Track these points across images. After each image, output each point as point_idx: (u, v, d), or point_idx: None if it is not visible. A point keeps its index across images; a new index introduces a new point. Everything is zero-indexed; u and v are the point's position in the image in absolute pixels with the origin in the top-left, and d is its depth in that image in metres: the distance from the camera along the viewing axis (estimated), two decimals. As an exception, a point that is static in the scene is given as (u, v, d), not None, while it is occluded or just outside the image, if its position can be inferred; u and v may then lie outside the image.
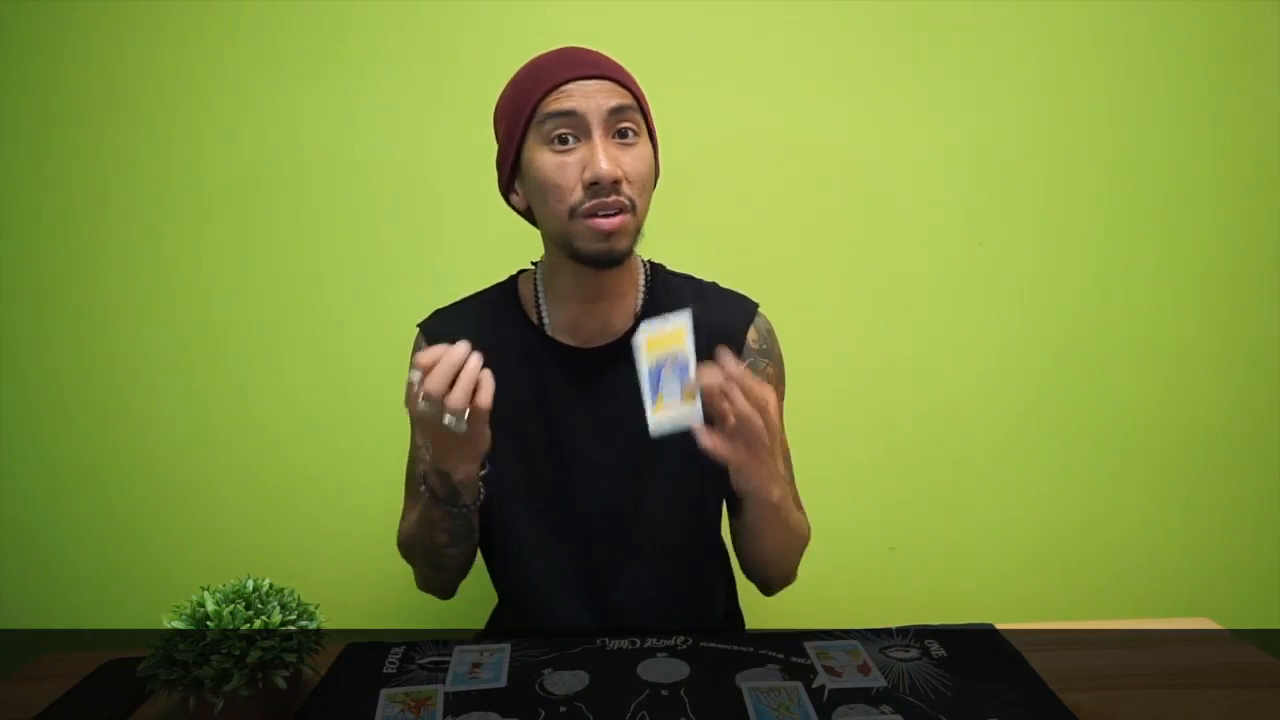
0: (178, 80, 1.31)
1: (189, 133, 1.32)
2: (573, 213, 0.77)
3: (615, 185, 0.76)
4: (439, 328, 0.91)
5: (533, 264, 0.93)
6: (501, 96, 0.84)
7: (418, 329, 0.93)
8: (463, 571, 0.93)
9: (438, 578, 0.92)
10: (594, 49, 0.83)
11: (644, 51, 1.29)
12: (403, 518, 0.96)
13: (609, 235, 0.77)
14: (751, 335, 0.91)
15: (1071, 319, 1.43)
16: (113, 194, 1.34)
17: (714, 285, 0.95)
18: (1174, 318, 1.44)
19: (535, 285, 0.90)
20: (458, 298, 0.96)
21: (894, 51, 1.34)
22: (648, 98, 0.85)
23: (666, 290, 0.91)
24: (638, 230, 0.81)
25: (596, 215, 0.76)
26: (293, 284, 1.37)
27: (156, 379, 1.39)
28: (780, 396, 0.94)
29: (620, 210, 0.77)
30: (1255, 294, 1.44)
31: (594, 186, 0.76)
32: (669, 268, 0.95)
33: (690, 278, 0.95)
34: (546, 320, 0.89)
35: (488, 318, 0.91)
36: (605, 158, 0.75)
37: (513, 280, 0.94)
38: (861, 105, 1.36)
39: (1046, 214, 1.40)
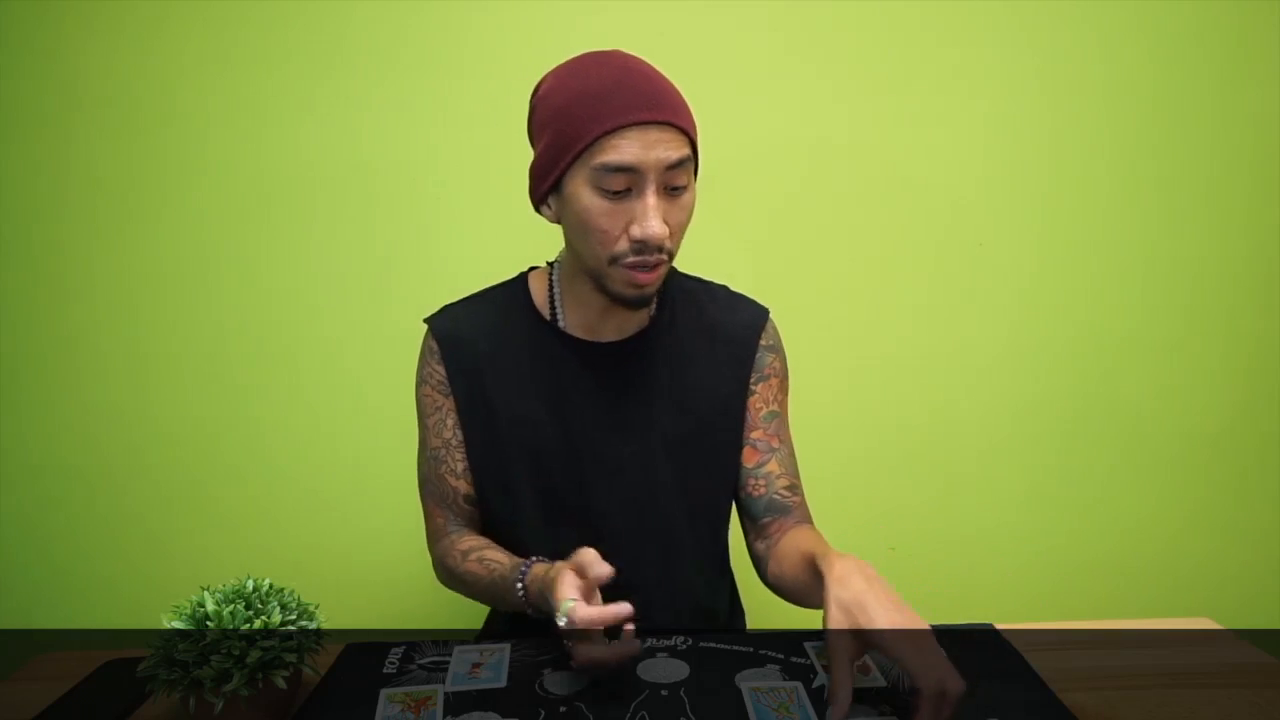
0: (180, 82, 1.31)
1: (190, 135, 1.33)
2: (613, 260, 0.76)
3: (660, 242, 0.75)
4: (447, 324, 0.91)
5: (549, 263, 0.92)
6: (544, 100, 0.78)
7: (425, 325, 0.92)
8: None
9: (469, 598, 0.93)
10: (649, 67, 0.78)
11: (649, 54, 1.29)
12: (435, 535, 0.94)
13: (644, 285, 0.77)
14: (774, 379, 0.92)
15: (1073, 319, 1.43)
16: (113, 197, 1.34)
17: (725, 289, 0.95)
18: (1174, 318, 1.44)
19: (550, 284, 0.90)
20: (452, 295, 0.95)
21: (895, 53, 1.34)
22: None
23: (681, 292, 0.92)
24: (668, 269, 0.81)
25: (636, 269, 0.76)
26: (294, 285, 1.37)
27: (155, 380, 1.39)
28: (785, 392, 0.95)
29: (659, 264, 0.77)
30: (1258, 295, 1.44)
31: (640, 243, 0.75)
32: (680, 270, 0.95)
33: (702, 280, 0.95)
34: (560, 318, 0.88)
35: (498, 314, 0.91)
36: (656, 219, 0.74)
37: (523, 278, 0.93)
38: (862, 107, 1.36)
39: (1048, 214, 1.40)
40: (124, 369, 1.38)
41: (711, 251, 1.37)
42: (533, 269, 0.94)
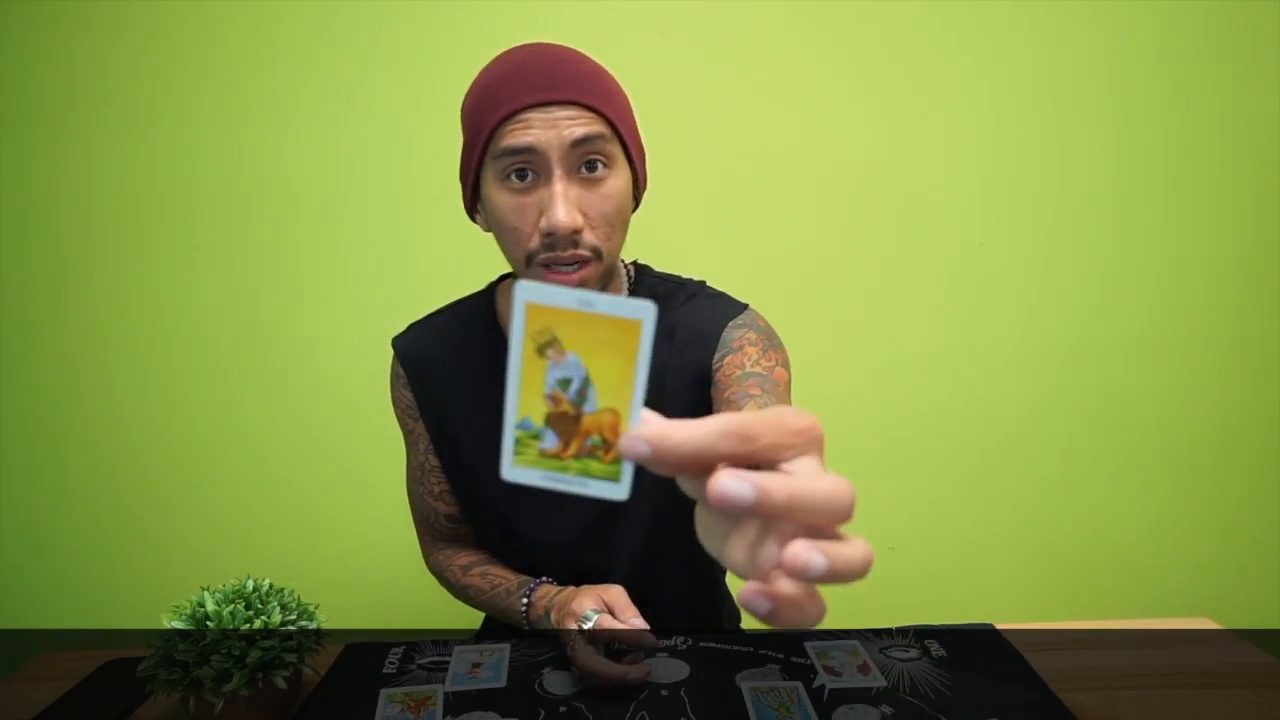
0: (168, 81, 1.31)
1: (181, 137, 1.33)
2: (529, 260, 0.70)
3: (575, 235, 0.68)
4: (412, 347, 0.89)
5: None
6: (464, 101, 0.75)
7: (392, 346, 0.90)
8: None
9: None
10: (565, 50, 0.72)
11: (644, 57, 1.29)
12: (425, 549, 0.96)
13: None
14: (749, 348, 0.82)
15: (1074, 319, 1.43)
16: (104, 203, 1.34)
17: (701, 284, 0.88)
18: (1176, 319, 1.44)
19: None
20: (446, 298, 0.93)
21: (896, 54, 1.34)
22: (632, 107, 0.75)
23: (652, 294, 0.85)
24: (607, 272, 0.74)
25: (550, 266, 0.69)
26: (293, 288, 1.37)
27: (154, 383, 1.39)
28: (771, 360, 0.81)
29: (581, 263, 0.70)
30: (1260, 294, 1.43)
31: (548, 235, 0.68)
32: (655, 269, 0.89)
33: (677, 279, 0.89)
34: None
35: (462, 333, 0.87)
36: (564, 205, 0.67)
37: (491, 290, 0.90)
38: (864, 107, 1.36)
39: (1049, 214, 1.40)
40: (121, 372, 1.38)
41: (713, 252, 1.38)
42: (504, 277, 0.90)
